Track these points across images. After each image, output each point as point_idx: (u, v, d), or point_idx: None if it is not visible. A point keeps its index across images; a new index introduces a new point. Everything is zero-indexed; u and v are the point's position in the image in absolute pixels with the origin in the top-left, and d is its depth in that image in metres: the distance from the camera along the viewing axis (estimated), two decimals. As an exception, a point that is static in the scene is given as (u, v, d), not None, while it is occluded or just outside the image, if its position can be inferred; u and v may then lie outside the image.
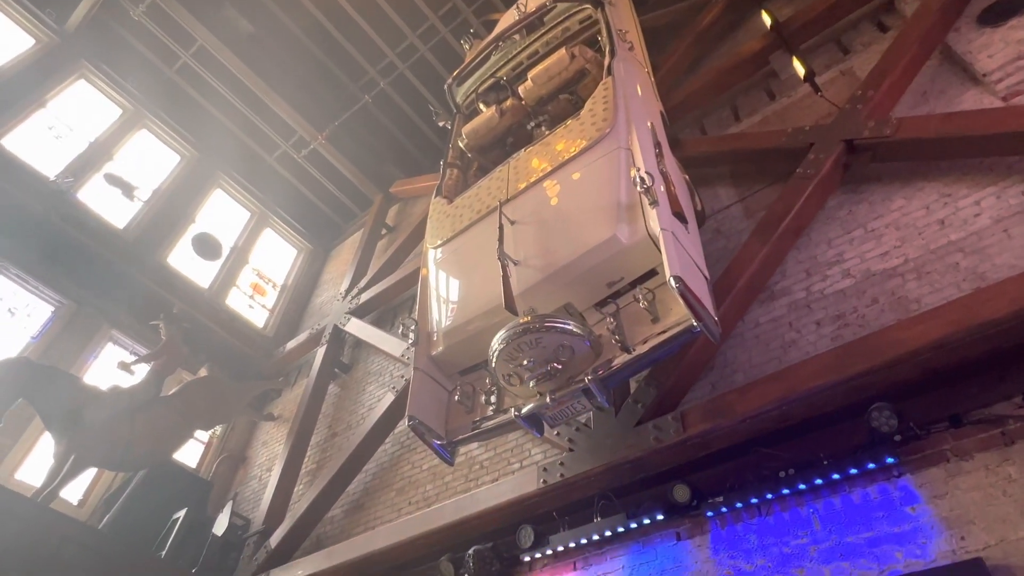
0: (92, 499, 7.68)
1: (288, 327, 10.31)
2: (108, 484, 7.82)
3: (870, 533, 3.32)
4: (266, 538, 6.61)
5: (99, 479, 7.82)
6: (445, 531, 4.94)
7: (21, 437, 7.27)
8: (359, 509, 6.50)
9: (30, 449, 7.38)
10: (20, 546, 5.20)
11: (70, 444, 6.41)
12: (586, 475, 4.34)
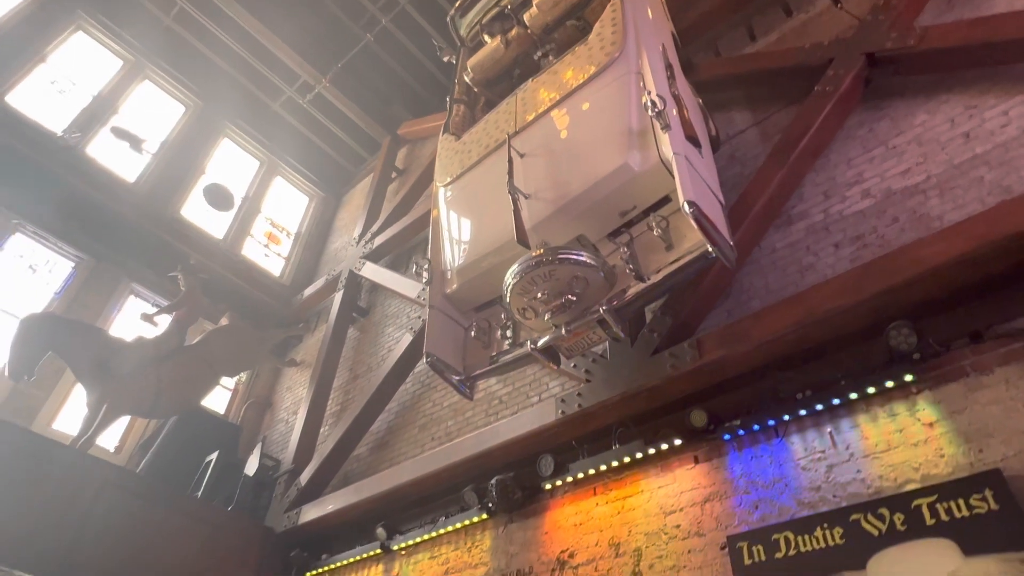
0: (128, 445, 7.96)
1: (304, 274, 10.39)
2: (142, 431, 8.10)
3: (887, 450, 3.34)
4: (296, 476, 6.84)
5: (133, 426, 8.09)
6: (467, 463, 5.06)
7: (54, 389, 7.50)
8: (383, 447, 6.68)
9: (64, 400, 7.62)
10: (63, 491, 5.42)
11: (102, 394, 6.63)
12: (603, 404, 4.39)
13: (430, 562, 5.23)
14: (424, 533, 5.32)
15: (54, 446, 6.08)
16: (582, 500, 4.51)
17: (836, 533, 3.25)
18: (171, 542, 5.87)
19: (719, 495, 3.84)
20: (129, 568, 5.51)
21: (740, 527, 3.63)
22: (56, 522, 5.27)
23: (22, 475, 5.31)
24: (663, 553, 3.88)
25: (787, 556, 3.35)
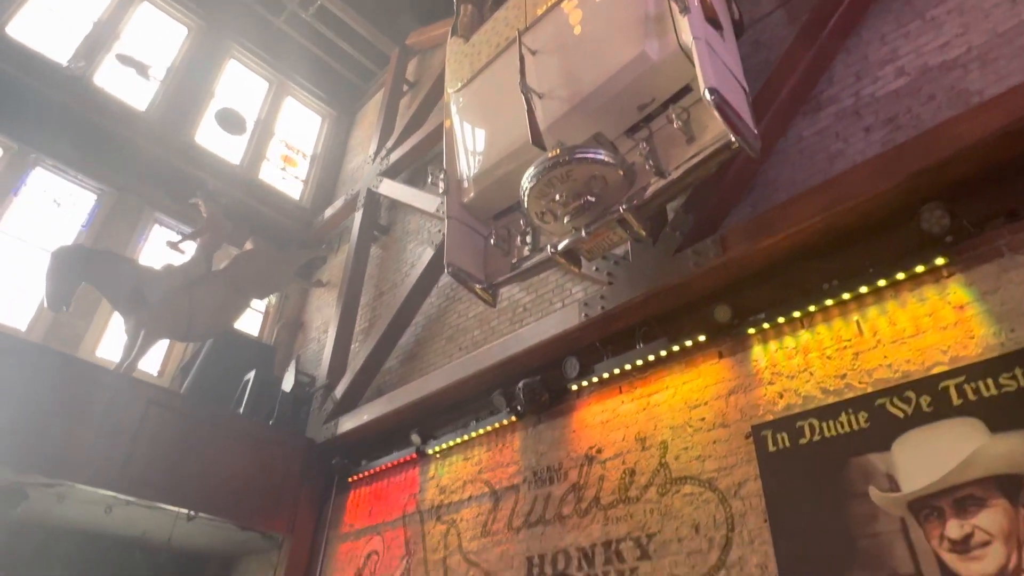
0: (169, 369, 8.28)
1: (323, 196, 10.36)
2: (181, 355, 8.39)
3: (916, 334, 3.30)
4: (331, 391, 7.08)
5: (172, 350, 8.38)
6: (494, 369, 5.16)
7: (93, 319, 7.75)
8: (413, 358, 6.83)
9: (104, 329, 7.89)
10: (111, 412, 5.69)
11: (138, 321, 6.83)
12: (626, 305, 4.38)
13: (464, 463, 5.45)
14: (456, 437, 5.51)
15: (99, 371, 6.36)
16: (608, 399, 4.59)
17: (861, 417, 3.27)
18: (218, 456, 6.18)
19: (743, 387, 3.87)
20: (180, 480, 5.85)
21: (765, 417, 3.68)
22: (109, 441, 5.57)
23: (72, 399, 5.57)
24: (688, 444, 3.97)
25: (811, 442, 3.40)
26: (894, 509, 3.01)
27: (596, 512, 4.25)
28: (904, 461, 3.05)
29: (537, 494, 4.70)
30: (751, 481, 3.57)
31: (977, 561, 2.71)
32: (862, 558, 3.02)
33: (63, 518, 6.33)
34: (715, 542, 3.58)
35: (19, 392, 5.29)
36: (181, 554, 7.26)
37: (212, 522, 6.21)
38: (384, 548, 5.77)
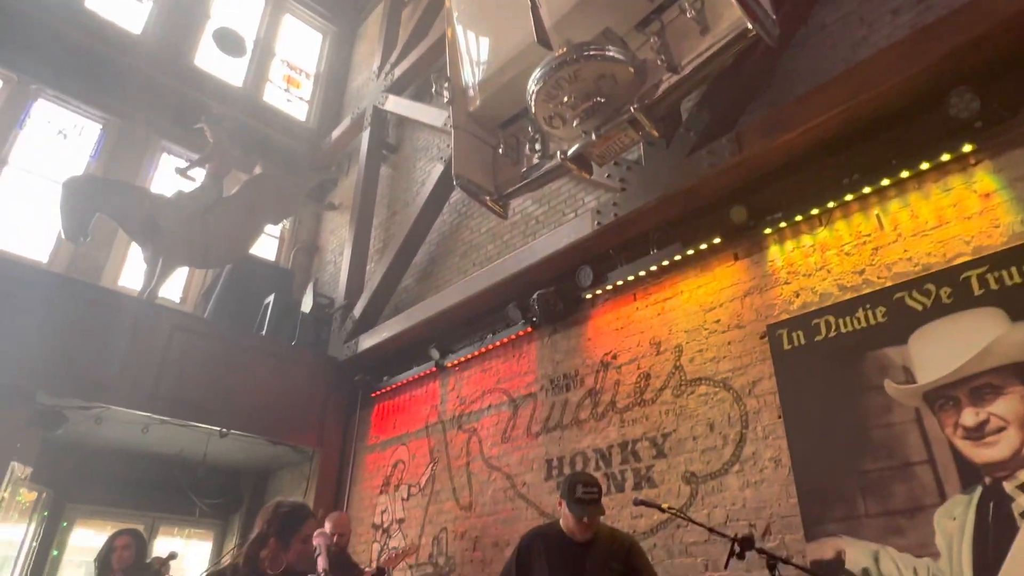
0: (191, 295, 8.40)
1: (330, 116, 10.14)
2: (202, 282, 8.50)
3: (938, 226, 3.20)
4: (349, 311, 7.17)
5: (192, 278, 8.48)
6: (509, 282, 5.16)
7: (112, 249, 7.82)
8: (428, 276, 6.86)
9: (124, 259, 7.97)
10: (136, 338, 5.82)
11: (155, 249, 6.87)
12: (640, 211, 4.29)
13: (482, 375, 5.55)
14: (474, 349, 5.59)
15: (123, 298, 6.47)
16: (622, 306, 4.58)
17: (879, 312, 3.23)
18: (245, 376, 6.36)
19: (759, 288, 3.83)
20: (210, 400, 6.04)
21: (780, 316, 3.65)
22: (138, 365, 5.73)
23: (99, 326, 5.69)
24: (703, 347, 3.97)
25: (827, 338, 3.38)
26: (909, 400, 3.01)
27: (612, 415, 4.33)
28: (921, 353, 3.03)
29: (554, 401, 4.79)
30: (765, 379, 3.59)
31: (990, 447, 2.72)
32: (875, 448, 3.05)
33: (104, 438, 6.62)
34: (729, 439, 3.65)
35: (47, 322, 5.41)
36: (218, 469, 7.61)
37: (244, 438, 6.46)
38: (409, 457, 5.99)
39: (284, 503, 2.54)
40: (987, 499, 2.67)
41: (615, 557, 2.92)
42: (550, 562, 2.92)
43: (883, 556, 2.88)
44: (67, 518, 7.11)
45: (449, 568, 5.07)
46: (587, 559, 2.90)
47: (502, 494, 4.88)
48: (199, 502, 7.48)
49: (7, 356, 5.10)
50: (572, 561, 2.89)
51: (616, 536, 3.08)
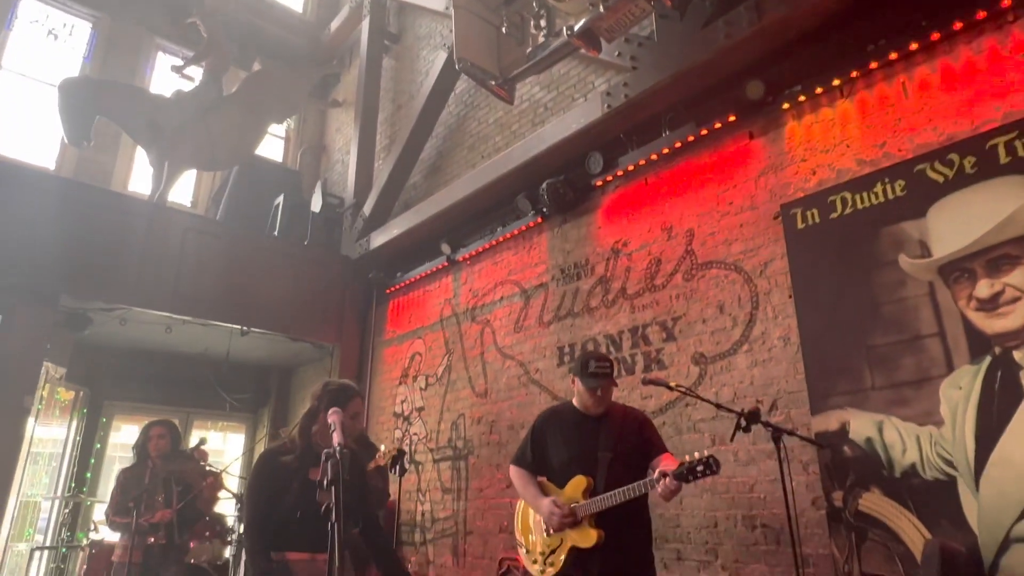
0: (202, 199, 8.37)
1: (327, 7, 9.61)
2: (211, 185, 8.44)
3: (967, 92, 3.01)
4: (359, 209, 7.12)
5: (201, 181, 8.41)
6: (517, 172, 5.04)
7: (118, 154, 7.73)
8: (436, 171, 6.73)
9: (131, 163, 7.89)
10: (151, 241, 5.85)
11: (159, 151, 6.77)
12: (651, 90, 4.09)
13: (493, 267, 5.55)
14: (485, 242, 5.57)
15: (133, 202, 6.47)
16: (633, 192, 4.48)
17: (898, 186, 3.11)
18: (260, 276, 6.42)
19: (774, 167, 3.69)
20: (229, 300, 6.14)
21: (795, 195, 3.54)
22: (154, 267, 5.80)
23: (112, 230, 5.71)
24: (715, 230, 3.90)
25: (842, 215, 3.29)
26: (923, 274, 2.96)
27: (623, 302, 4.34)
28: (939, 226, 2.94)
29: (565, 290, 4.80)
30: (777, 260, 3.53)
31: (1003, 317, 2.69)
32: (885, 323, 3.04)
33: (131, 339, 6.83)
34: (739, 320, 3.65)
35: (63, 226, 5.43)
36: (243, 366, 7.88)
37: (265, 336, 6.63)
38: (426, 349, 6.13)
39: (332, 382, 2.64)
40: (995, 368, 2.67)
41: (628, 431, 2.98)
42: (565, 438, 2.99)
43: (887, 426, 2.94)
44: (106, 414, 7.49)
45: (468, 451, 5.31)
46: (601, 433, 2.96)
47: (516, 380, 5.01)
48: (228, 397, 7.81)
49: (27, 261, 5.18)
50: (586, 436, 2.96)
51: (629, 411, 3.15)
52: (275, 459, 2.50)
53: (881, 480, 2.91)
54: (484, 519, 4.97)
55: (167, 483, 4.27)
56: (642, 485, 2.62)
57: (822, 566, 3.04)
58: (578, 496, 2.81)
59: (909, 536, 2.78)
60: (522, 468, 3.05)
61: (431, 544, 5.42)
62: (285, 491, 2.39)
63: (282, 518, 2.39)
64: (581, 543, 2.76)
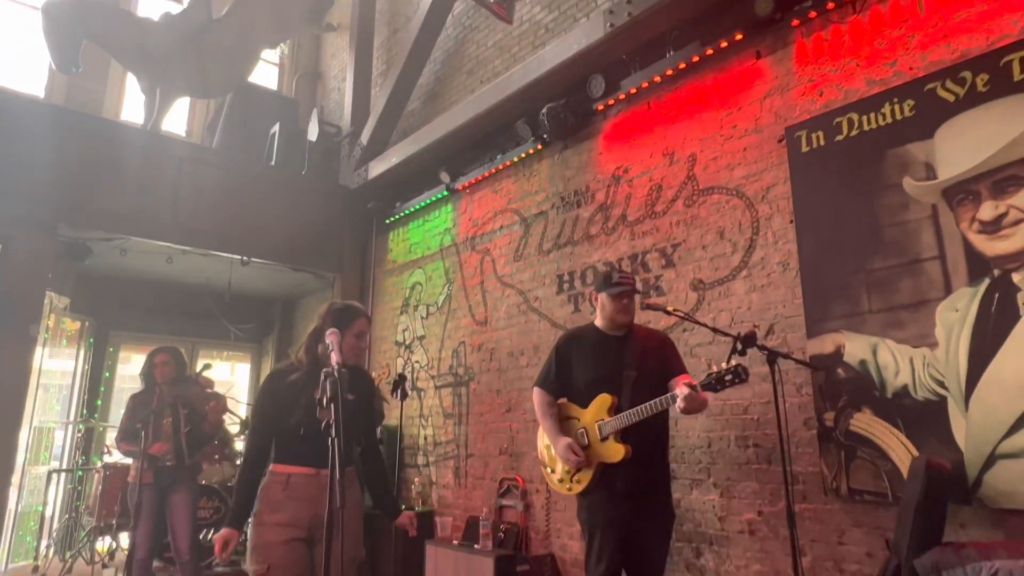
0: (196, 128, 8.21)
1: (318, -77, 9.14)
2: (205, 114, 8.26)
3: (984, 3, 2.88)
4: (356, 138, 6.98)
5: (195, 111, 8.23)
6: (517, 97, 4.90)
7: (108, 81, 7.53)
8: (435, 97, 6.56)
9: (122, 92, 7.71)
10: (147, 170, 5.76)
11: (151, 77, 6.58)
12: (655, 8, 3.90)
13: (493, 195, 5.49)
14: (484, 170, 5.49)
15: (127, 130, 6.35)
16: (636, 116, 4.37)
17: (906, 106, 3.02)
18: (259, 206, 6.37)
19: (781, 88, 3.58)
20: (228, 229, 6.12)
21: (801, 117, 3.45)
22: (152, 196, 5.74)
23: (107, 159, 5.61)
24: (718, 154, 3.83)
25: (848, 137, 3.21)
26: (927, 197, 2.91)
27: (623, 229, 4.31)
28: (946, 147, 2.87)
29: (565, 218, 4.76)
30: (780, 184, 3.48)
31: (1005, 239, 2.67)
32: (885, 247, 3.02)
33: (132, 269, 6.85)
34: (739, 245, 3.63)
35: (57, 156, 5.35)
36: (246, 297, 7.95)
37: (266, 266, 6.64)
38: (426, 279, 6.15)
39: (337, 302, 2.67)
40: (993, 291, 2.67)
41: (651, 350, 3.03)
42: (589, 358, 3.03)
43: (881, 348, 2.96)
44: (112, 344, 7.60)
45: (468, 377, 5.40)
46: (624, 353, 3.00)
47: (515, 309, 5.04)
48: (232, 328, 7.91)
49: (24, 190, 5.13)
50: (611, 355, 3.00)
51: (651, 332, 3.19)
52: (282, 377, 2.55)
53: (872, 401, 2.96)
54: (485, 442, 5.11)
55: (174, 407, 4.36)
56: (667, 399, 2.69)
57: (810, 483, 3.14)
58: (603, 414, 2.88)
59: (897, 454, 2.85)
60: (545, 391, 3.10)
61: (433, 466, 5.60)
62: (290, 408, 2.44)
63: (287, 434, 2.45)
64: (608, 458, 2.85)
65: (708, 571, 3.48)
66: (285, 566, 2.35)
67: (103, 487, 5.33)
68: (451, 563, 3.97)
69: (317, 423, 2.29)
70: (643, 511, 2.93)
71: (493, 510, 4.77)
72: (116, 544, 5.52)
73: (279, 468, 2.44)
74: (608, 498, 2.88)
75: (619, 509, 2.88)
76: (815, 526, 3.08)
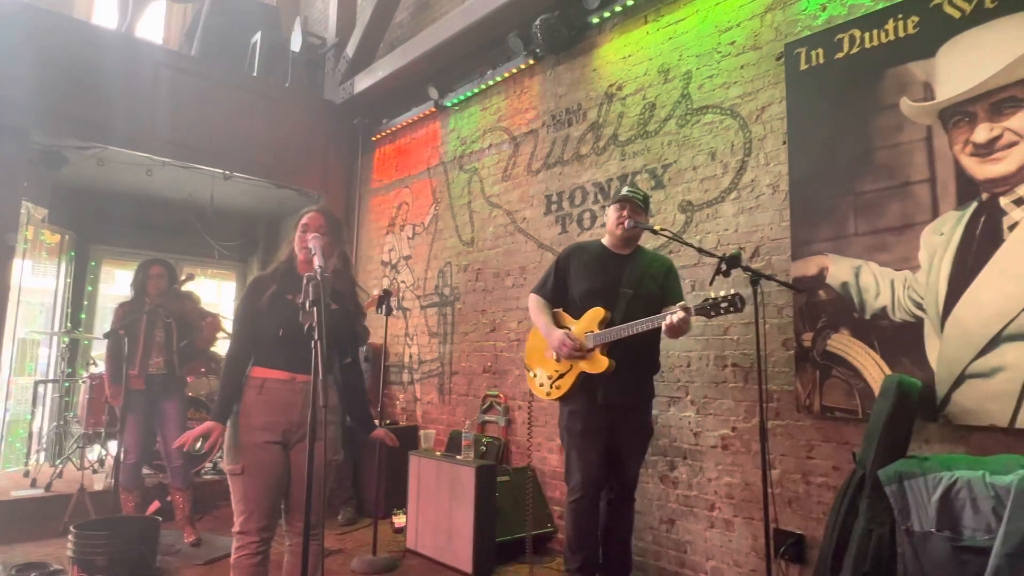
0: (173, 36, 7.85)
1: None
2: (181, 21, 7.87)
3: (1002, -87, 2.74)
4: (342, 50, 6.71)
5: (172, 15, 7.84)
6: (509, 7, 4.67)
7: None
8: (424, 8, 6.27)
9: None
10: (120, 77, 5.49)
11: (123, -24, 6.23)
12: (658, -89, 3.70)
13: (482, 113, 5.34)
14: (474, 87, 5.31)
15: (100, 32, 6.01)
16: (632, 31, 4.20)
17: (911, 23, 2.92)
18: (240, 118, 6.16)
19: (782, 3, 3.43)
20: (209, 142, 5.94)
21: (801, 33, 3.33)
22: (128, 104, 5.51)
23: (80, 63, 5.33)
24: (714, 72, 3.71)
25: (848, 55, 3.11)
26: (923, 118, 2.86)
27: (613, 149, 4.23)
28: (947, 66, 2.80)
29: (556, 136, 4.65)
30: (775, 104, 3.40)
31: (997, 162, 2.64)
32: (876, 169, 2.98)
33: (111, 181, 6.67)
34: (730, 167, 3.58)
35: (25, 56, 5.07)
36: (229, 214, 7.80)
37: (248, 182, 6.48)
38: (413, 198, 6.05)
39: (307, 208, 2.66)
40: (979, 214, 2.66)
41: (653, 273, 3.06)
42: (589, 270, 3.07)
43: (864, 271, 2.98)
44: (94, 259, 7.50)
45: (454, 297, 5.41)
46: (625, 271, 3.03)
47: (503, 230, 5.00)
48: (216, 244, 7.80)
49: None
50: (611, 271, 3.03)
51: (657, 257, 3.21)
52: (260, 282, 2.54)
53: (851, 322, 3.00)
54: (468, 360, 5.17)
55: (166, 323, 4.35)
56: (658, 319, 2.71)
57: (784, 401, 3.22)
58: (593, 326, 2.93)
59: (870, 373, 2.91)
60: (541, 297, 3.14)
61: (418, 383, 5.69)
62: (267, 312, 2.44)
63: (264, 339, 2.45)
64: (591, 369, 2.90)
65: (681, 483, 3.62)
66: (259, 467, 2.39)
67: (89, 396, 5.37)
68: (433, 472, 4.08)
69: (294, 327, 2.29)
70: (622, 425, 3.01)
71: (476, 425, 4.88)
72: (105, 451, 5.62)
73: (256, 372, 2.45)
74: (588, 408, 2.96)
75: (598, 420, 2.97)
76: (785, 441, 3.18)
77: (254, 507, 2.40)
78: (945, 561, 2.11)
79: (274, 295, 2.45)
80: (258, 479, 2.39)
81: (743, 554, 3.29)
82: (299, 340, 2.23)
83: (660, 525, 3.68)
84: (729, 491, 3.39)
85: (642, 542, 3.70)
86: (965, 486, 2.11)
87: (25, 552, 4.05)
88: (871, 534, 2.39)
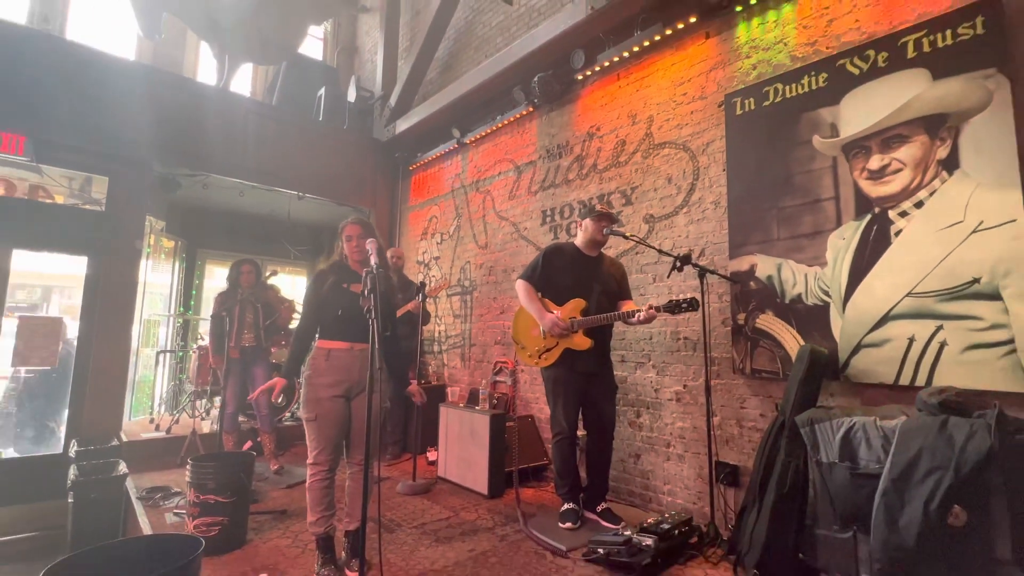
0: (258, 90, 7.81)
1: (353, -83, 8.39)
2: (264, 79, 7.84)
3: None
4: (386, 101, 6.68)
5: (257, 75, 7.80)
6: (514, 68, 4.66)
7: (185, 47, 7.08)
8: (448, 68, 6.24)
9: (197, 59, 7.26)
10: (219, 119, 5.50)
11: (220, 46, 6.20)
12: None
13: (493, 148, 5.32)
14: (486, 128, 5.29)
15: (203, 87, 5.97)
16: (608, 85, 4.18)
17: (821, 78, 2.91)
18: (308, 152, 6.15)
19: (723, 63, 3.42)
20: (287, 170, 5.93)
21: (737, 87, 3.31)
22: (225, 142, 5.51)
23: (188, 111, 5.34)
24: (670, 116, 3.70)
25: (773, 103, 3.10)
26: (830, 151, 2.85)
27: (593, 175, 4.22)
28: (848, 111, 2.79)
29: (549, 166, 4.64)
30: (717, 140, 3.38)
31: (886, 184, 2.63)
32: (794, 189, 2.98)
33: (212, 201, 6.67)
34: (682, 188, 3.57)
35: (147, 107, 5.07)
36: (301, 226, 7.80)
37: (316, 201, 6.47)
38: (441, 213, 6.04)
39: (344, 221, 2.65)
40: (872, 223, 2.66)
41: (613, 274, 3.09)
42: (569, 268, 3.08)
43: (784, 266, 2.97)
44: (200, 259, 7.50)
45: (472, 288, 5.41)
46: (595, 270, 3.05)
47: (509, 237, 4.99)
48: (292, 248, 7.80)
49: (124, 134, 4.89)
50: (586, 269, 3.05)
51: (614, 261, 3.24)
52: (321, 275, 2.57)
53: (774, 305, 3.00)
54: (484, 336, 5.18)
55: (255, 307, 4.36)
56: (630, 313, 2.76)
57: (723, 365, 3.22)
58: (576, 313, 2.94)
59: (789, 344, 2.92)
60: (530, 284, 3.13)
61: (445, 353, 5.70)
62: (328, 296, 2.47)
63: (327, 316, 2.47)
64: (575, 347, 2.91)
65: (645, 427, 3.63)
66: (329, 414, 2.42)
67: (198, 363, 5.39)
68: (458, 420, 4.10)
69: (348, 306, 2.35)
70: (594, 384, 3.02)
71: (489, 384, 4.89)
72: (211, 404, 5.65)
73: (322, 343, 2.47)
74: (568, 373, 2.97)
75: (577, 382, 2.98)
76: (724, 395, 3.19)
77: (324, 444, 2.42)
78: (846, 484, 2.13)
79: (333, 284, 2.47)
80: (326, 424, 2.42)
81: (692, 480, 3.31)
82: (353, 317, 2.26)
83: (629, 459, 3.69)
84: (681, 433, 3.40)
85: (615, 471, 3.72)
86: (861, 428, 2.12)
87: (151, 479, 4.08)
88: (789, 465, 2.40)
